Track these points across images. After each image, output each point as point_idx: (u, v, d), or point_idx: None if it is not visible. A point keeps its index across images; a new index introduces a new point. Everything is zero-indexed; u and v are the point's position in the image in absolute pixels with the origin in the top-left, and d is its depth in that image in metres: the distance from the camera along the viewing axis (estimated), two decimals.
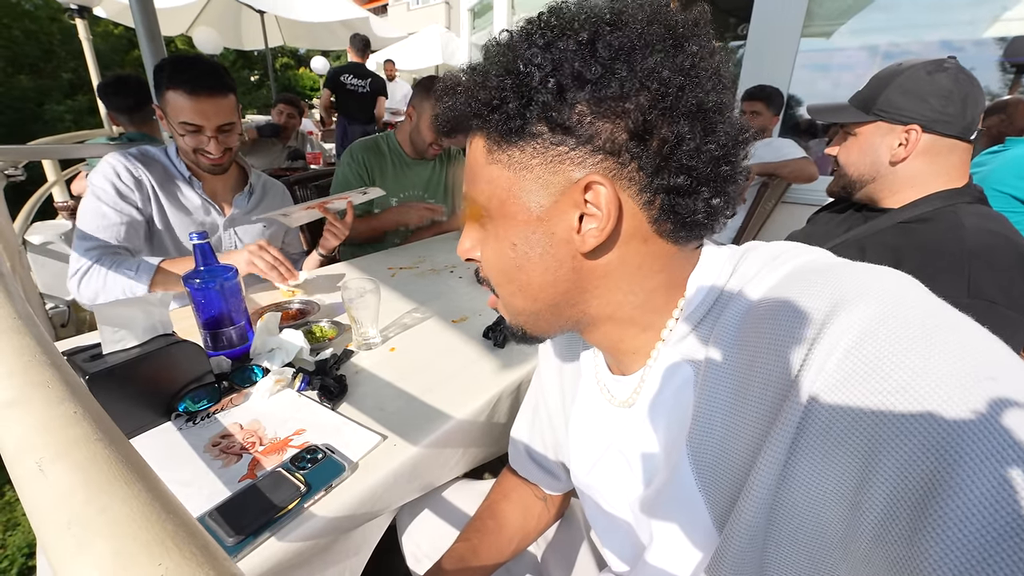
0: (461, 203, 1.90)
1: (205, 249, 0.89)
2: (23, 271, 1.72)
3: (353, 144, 1.84)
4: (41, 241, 2.20)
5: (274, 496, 0.59)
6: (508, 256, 0.45)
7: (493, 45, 0.43)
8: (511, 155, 0.42)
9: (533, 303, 0.47)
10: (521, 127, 0.41)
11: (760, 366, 0.37)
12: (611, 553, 0.59)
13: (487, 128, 0.43)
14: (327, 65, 8.56)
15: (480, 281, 0.54)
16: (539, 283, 0.45)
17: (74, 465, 0.22)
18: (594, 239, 0.41)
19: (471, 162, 0.46)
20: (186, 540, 0.19)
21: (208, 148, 1.22)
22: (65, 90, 8.01)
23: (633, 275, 0.44)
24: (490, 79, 0.41)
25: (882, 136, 0.94)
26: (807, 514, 0.33)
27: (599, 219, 0.40)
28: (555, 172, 0.41)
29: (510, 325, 0.52)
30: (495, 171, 0.44)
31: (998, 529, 0.24)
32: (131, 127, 2.28)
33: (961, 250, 0.80)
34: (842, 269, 0.37)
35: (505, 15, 4.11)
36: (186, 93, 1.16)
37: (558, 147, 0.40)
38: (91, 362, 0.69)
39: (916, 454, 0.27)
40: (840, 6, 2.49)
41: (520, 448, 0.72)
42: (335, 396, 0.80)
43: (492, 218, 0.46)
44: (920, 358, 0.29)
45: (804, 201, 2.47)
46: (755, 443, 0.36)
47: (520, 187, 0.43)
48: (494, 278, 0.49)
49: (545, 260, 0.44)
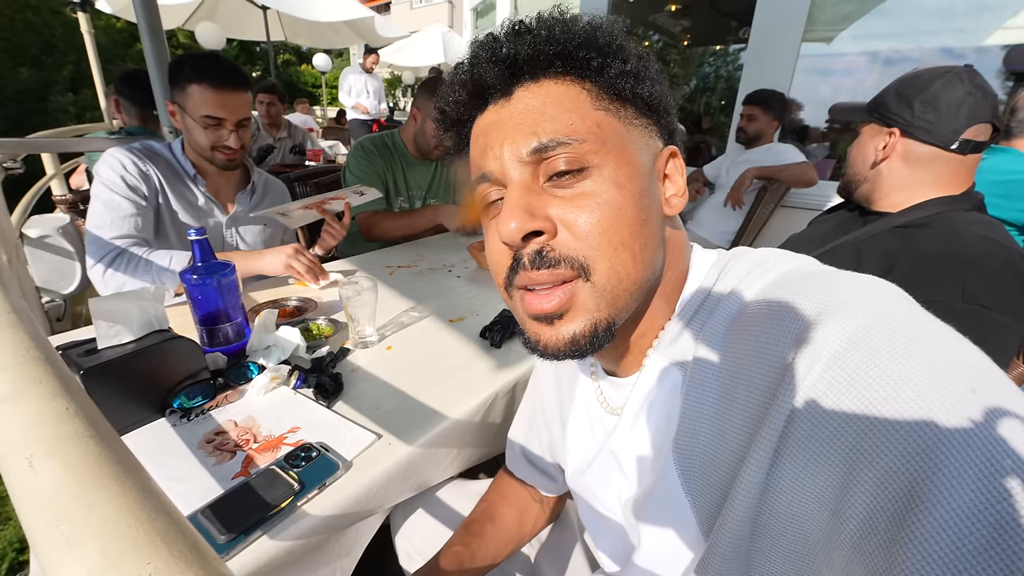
0: (462, 201, 1.92)
1: (204, 245, 0.89)
2: (20, 264, 1.71)
3: (362, 139, 1.85)
4: (39, 235, 2.19)
5: (267, 494, 0.58)
6: (636, 206, 0.40)
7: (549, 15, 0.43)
8: (618, 109, 0.42)
9: (648, 269, 0.41)
10: (630, 88, 0.42)
11: (745, 372, 0.37)
12: (603, 554, 0.60)
13: (592, 79, 0.42)
14: (329, 62, 8.55)
15: (544, 263, 0.39)
16: (656, 242, 0.42)
17: (65, 462, 0.22)
18: (679, 203, 0.45)
19: (564, 106, 0.40)
20: (175, 539, 0.19)
21: (228, 142, 1.25)
22: (67, 83, 7.99)
23: (679, 252, 0.47)
24: (596, 35, 0.41)
25: (871, 137, 0.96)
26: (790, 521, 0.33)
27: (676, 187, 0.46)
28: (651, 135, 0.45)
29: (589, 325, 0.40)
30: (605, 118, 0.41)
31: (976, 542, 0.24)
32: (137, 121, 2.31)
33: (956, 256, 0.80)
34: (827, 277, 0.37)
35: (508, 15, 4.12)
36: (212, 87, 1.18)
37: (646, 117, 0.45)
38: (86, 357, 0.69)
39: (897, 464, 0.27)
40: (842, 11, 2.49)
41: (517, 450, 0.72)
42: (330, 394, 0.80)
43: (606, 165, 0.40)
44: (903, 369, 0.29)
45: (804, 205, 2.47)
46: (740, 449, 0.37)
47: (631, 139, 0.42)
48: (608, 240, 0.39)
49: (657, 219, 0.43)
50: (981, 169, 1.88)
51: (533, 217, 0.39)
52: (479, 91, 0.44)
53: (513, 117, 0.41)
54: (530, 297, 0.41)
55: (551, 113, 0.40)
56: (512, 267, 0.42)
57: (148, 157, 1.26)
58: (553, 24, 0.42)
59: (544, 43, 0.41)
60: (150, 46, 1.73)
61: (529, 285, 0.41)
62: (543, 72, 0.41)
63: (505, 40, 0.42)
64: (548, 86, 0.41)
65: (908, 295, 0.35)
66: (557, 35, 0.41)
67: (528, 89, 0.42)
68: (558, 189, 0.40)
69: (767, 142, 2.39)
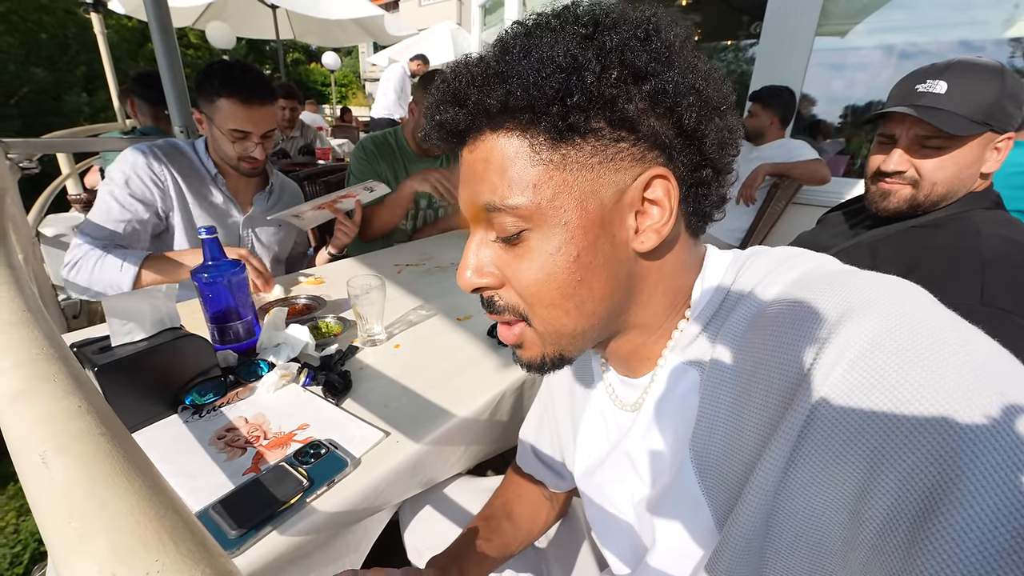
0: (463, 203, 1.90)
1: (213, 244, 0.89)
2: (36, 263, 1.74)
3: (364, 139, 1.85)
4: (55, 233, 2.23)
5: (277, 490, 0.59)
6: (568, 270, 0.40)
7: (517, 36, 0.39)
8: (566, 154, 0.38)
9: (589, 319, 0.43)
10: (583, 122, 0.37)
11: (764, 371, 0.37)
12: (612, 555, 0.60)
13: (535, 125, 0.38)
14: (338, 61, 8.59)
15: (494, 310, 0.45)
16: (600, 295, 0.42)
17: (77, 459, 0.22)
18: (655, 236, 0.40)
19: (499, 167, 0.40)
20: (183, 537, 0.19)
21: (254, 154, 1.26)
22: (81, 83, 8.09)
23: (672, 274, 0.45)
24: (538, 71, 0.36)
25: (982, 147, 0.86)
26: (807, 520, 0.32)
27: (659, 215, 0.40)
28: (617, 170, 0.39)
29: (538, 357, 0.46)
30: (544, 173, 0.39)
31: (998, 545, 0.23)
32: (150, 121, 2.34)
33: (976, 257, 0.78)
34: (851, 277, 0.37)
35: (516, 12, 4.10)
36: (241, 102, 1.19)
37: (617, 143, 0.38)
38: (100, 354, 0.70)
39: (920, 465, 0.27)
40: (856, 5, 2.44)
41: (527, 447, 0.73)
42: (339, 392, 0.80)
43: (542, 228, 0.40)
44: (928, 370, 0.28)
45: (816, 202, 2.44)
46: (757, 448, 0.36)
47: (579, 188, 0.39)
48: (539, 300, 0.42)
49: (608, 267, 0.41)
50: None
51: (481, 275, 0.44)
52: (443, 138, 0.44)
53: (466, 172, 0.43)
54: (499, 327, 0.48)
55: (489, 178, 0.40)
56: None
57: (168, 155, 1.27)
58: (479, 78, 0.38)
59: (470, 106, 0.39)
60: (161, 45, 1.74)
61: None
62: (482, 126, 0.40)
63: (442, 105, 0.41)
64: (489, 141, 0.40)
65: (933, 295, 0.34)
66: (476, 98, 0.38)
67: (474, 144, 0.42)
68: (504, 244, 0.43)
69: (772, 139, 2.36)
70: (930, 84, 0.86)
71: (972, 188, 0.89)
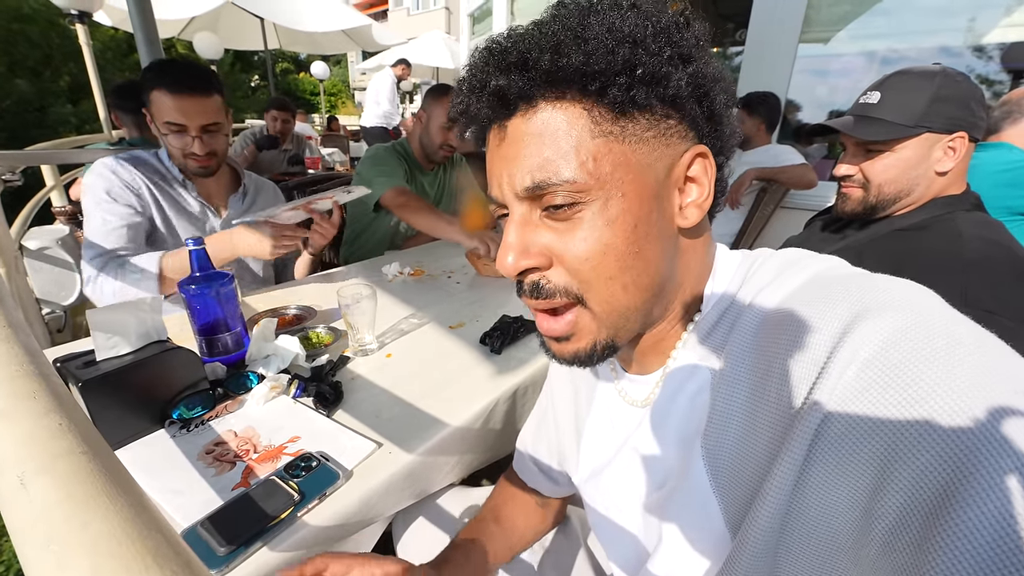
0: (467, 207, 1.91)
1: (201, 255, 0.88)
2: (19, 276, 1.71)
3: (377, 147, 1.83)
4: (38, 246, 2.19)
5: (267, 505, 0.58)
6: (627, 240, 0.40)
7: (579, 7, 0.39)
8: (624, 127, 0.39)
9: (644, 294, 0.42)
10: (644, 97, 0.38)
11: (778, 371, 0.37)
12: (614, 564, 0.59)
13: (599, 96, 0.38)
14: (327, 70, 8.58)
15: (540, 295, 0.42)
16: (655, 269, 0.42)
17: (57, 479, 0.22)
18: (698, 211, 0.42)
19: (554, 139, 0.39)
20: (168, 558, 0.19)
21: (193, 149, 1.22)
22: (65, 94, 8.01)
23: (701, 257, 0.46)
24: (610, 39, 0.37)
25: (927, 147, 0.89)
26: (820, 519, 0.33)
27: (699, 192, 0.42)
28: (668, 144, 0.41)
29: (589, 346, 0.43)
30: (605, 145, 0.39)
31: (1011, 544, 0.23)
32: (136, 131, 2.31)
33: (958, 259, 0.80)
34: (864, 279, 0.37)
35: (504, 21, 4.13)
36: (168, 92, 1.16)
37: (667, 120, 0.40)
38: (84, 369, 0.68)
39: (934, 463, 0.27)
40: (838, 12, 2.49)
41: (524, 453, 0.72)
42: (330, 403, 0.79)
43: (599, 200, 0.39)
44: (943, 369, 0.29)
45: (803, 206, 2.47)
46: (771, 448, 0.36)
47: (637, 161, 0.39)
48: (597, 274, 0.41)
49: (660, 242, 0.41)
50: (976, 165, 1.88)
51: (527, 255, 0.42)
52: (475, 121, 0.43)
53: (511, 147, 0.41)
54: (541, 318, 0.45)
55: (543, 152, 0.39)
56: (519, 282, 0.44)
57: (135, 166, 1.25)
58: (546, 43, 0.38)
59: (536, 70, 0.38)
60: (147, 57, 1.73)
61: (532, 308, 0.44)
62: (540, 95, 0.39)
63: (494, 70, 0.40)
64: (545, 112, 0.39)
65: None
66: (548, 62, 0.37)
67: (524, 116, 0.40)
68: (553, 221, 0.41)
69: (759, 144, 2.39)
70: (868, 95, 0.93)
71: (934, 187, 0.92)
